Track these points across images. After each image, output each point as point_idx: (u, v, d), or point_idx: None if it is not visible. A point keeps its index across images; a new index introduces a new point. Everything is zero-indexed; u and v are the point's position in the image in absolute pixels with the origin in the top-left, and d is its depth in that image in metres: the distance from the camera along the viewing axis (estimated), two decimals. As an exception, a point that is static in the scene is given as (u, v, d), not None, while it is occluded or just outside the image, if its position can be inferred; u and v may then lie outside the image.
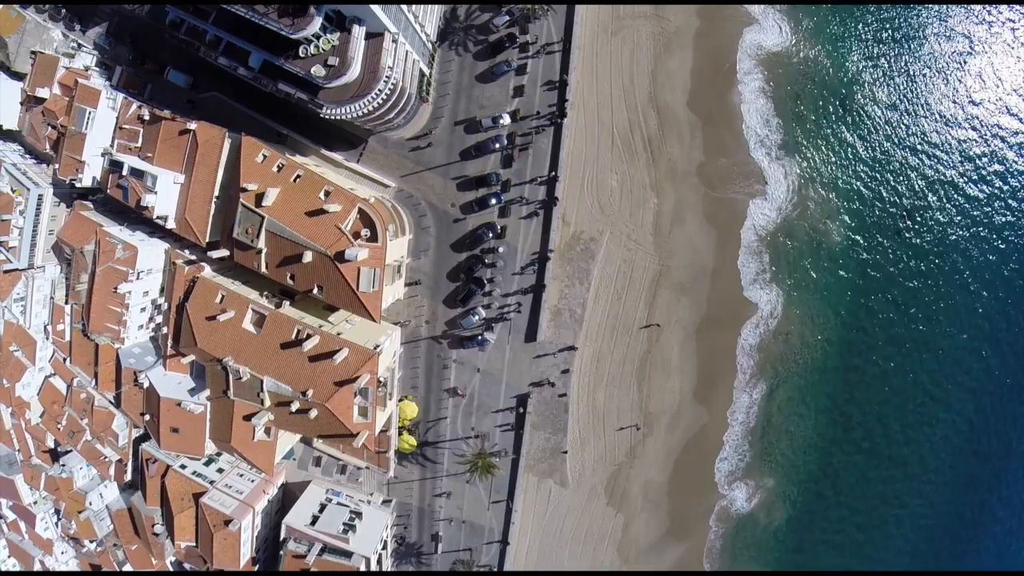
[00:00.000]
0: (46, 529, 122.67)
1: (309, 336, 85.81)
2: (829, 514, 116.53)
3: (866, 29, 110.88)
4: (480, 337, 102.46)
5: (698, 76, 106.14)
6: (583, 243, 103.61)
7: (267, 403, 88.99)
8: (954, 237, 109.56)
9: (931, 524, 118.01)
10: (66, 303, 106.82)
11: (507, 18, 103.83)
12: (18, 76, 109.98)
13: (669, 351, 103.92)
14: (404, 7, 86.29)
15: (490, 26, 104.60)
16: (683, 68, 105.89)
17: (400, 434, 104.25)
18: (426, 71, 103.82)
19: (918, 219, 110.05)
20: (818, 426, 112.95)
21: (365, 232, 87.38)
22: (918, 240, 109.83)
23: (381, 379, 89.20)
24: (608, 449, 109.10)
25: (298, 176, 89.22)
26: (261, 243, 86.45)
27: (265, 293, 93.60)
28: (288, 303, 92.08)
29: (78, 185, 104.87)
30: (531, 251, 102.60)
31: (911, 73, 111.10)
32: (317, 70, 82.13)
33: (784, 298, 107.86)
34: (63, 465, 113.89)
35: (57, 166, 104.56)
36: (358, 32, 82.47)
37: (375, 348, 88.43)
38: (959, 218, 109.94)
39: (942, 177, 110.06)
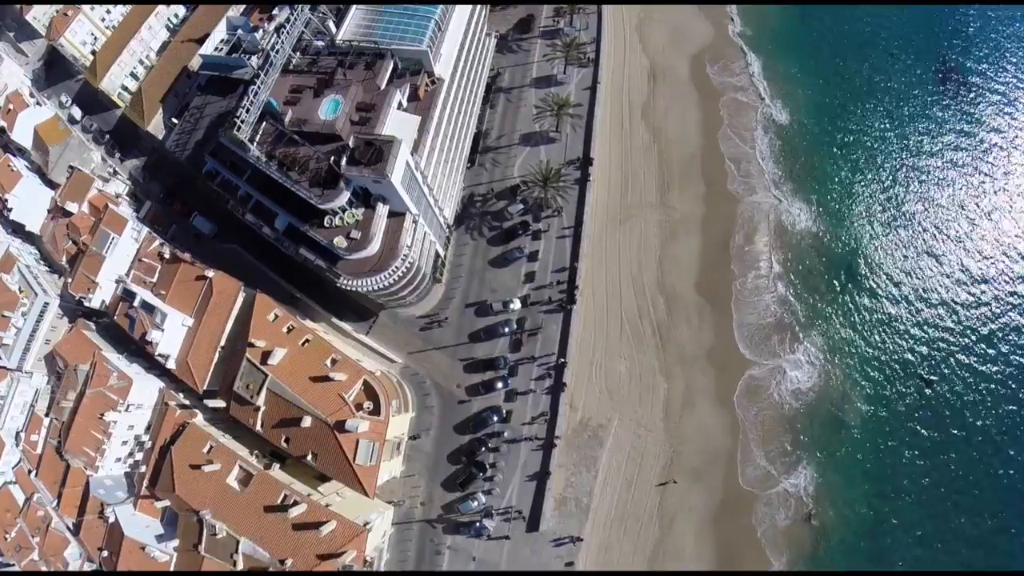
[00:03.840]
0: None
1: (296, 503, 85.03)
2: None
3: (868, 202, 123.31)
4: (478, 524, 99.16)
5: (704, 260, 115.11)
6: (591, 430, 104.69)
7: (240, 565, 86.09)
8: (979, 397, 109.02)
9: None
10: (47, 415, 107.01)
11: (521, 206, 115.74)
12: (51, 184, 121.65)
13: (683, 540, 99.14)
14: (426, 192, 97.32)
15: (505, 213, 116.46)
16: (689, 253, 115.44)
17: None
18: (441, 253, 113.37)
19: (939, 379, 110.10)
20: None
21: (368, 405, 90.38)
22: (943, 402, 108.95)
23: (368, 558, 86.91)
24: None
25: (307, 340, 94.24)
26: (261, 401, 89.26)
27: (255, 452, 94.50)
28: (278, 466, 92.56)
29: (86, 304, 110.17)
30: (537, 436, 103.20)
31: (915, 239, 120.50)
32: (339, 241, 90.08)
33: (812, 480, 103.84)
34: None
35: (70, 280, 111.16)
36: (382, 210, 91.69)
37: (365, 525, 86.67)
38: (982, 374, 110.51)
39: (958, 340, 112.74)
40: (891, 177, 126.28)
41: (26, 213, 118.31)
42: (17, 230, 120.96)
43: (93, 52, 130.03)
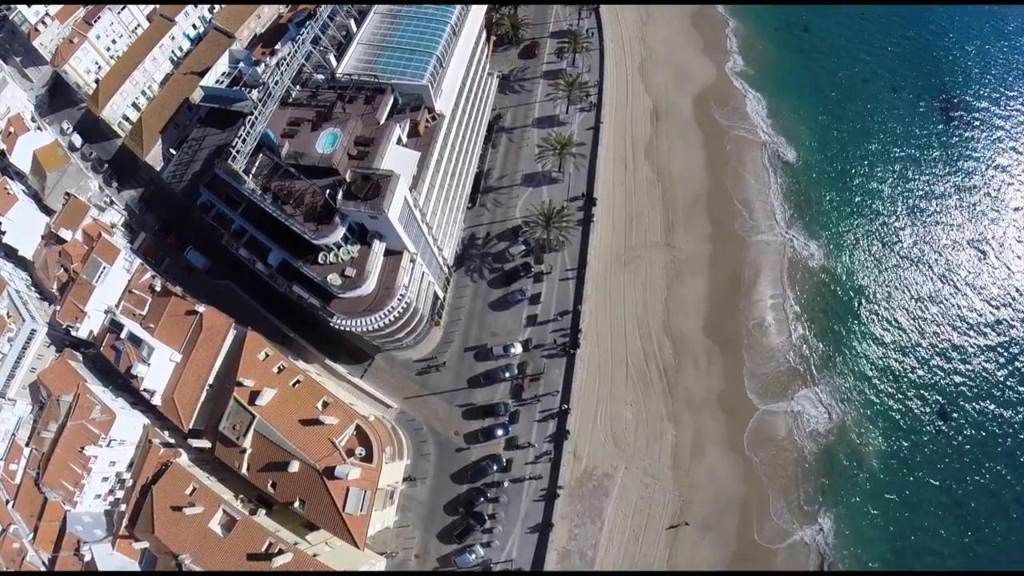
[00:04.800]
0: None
1: (282, 552, 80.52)
2: None
3: (879, 241, 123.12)
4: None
5: (712, 302, 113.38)
6: (596, 479, 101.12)
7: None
8: (999, 443, 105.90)
9: None
10: (27, 445, 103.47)
11: (523, 247, 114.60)
12: (47, 210, 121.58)
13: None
14: (425, 231, 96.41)
15: (506, 255, 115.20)
16: (696, 295, 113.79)
17: None
18: (440, 294, 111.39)
19: (956, 425, 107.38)
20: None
21: (360, 451, 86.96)
22: (961, 448, 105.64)
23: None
24: None
25: (298, 381, 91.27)
26: (247, 443, 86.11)
27: (241, 496, 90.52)
28: (264, 512, 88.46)
29: (73, 333, 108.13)
30: (539, 488, 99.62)
31: (928, 278, 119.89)
32: (333, 279, 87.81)
33: (828, 530, 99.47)
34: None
35: (58, 308, 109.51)
36: (378, 247, 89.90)
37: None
38: (1002, 420, 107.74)
39: (975, 383, 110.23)
40: (901, 214, 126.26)
41: (20, 237, 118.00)
42: (10, 254, 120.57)
43: (97, 81, 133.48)
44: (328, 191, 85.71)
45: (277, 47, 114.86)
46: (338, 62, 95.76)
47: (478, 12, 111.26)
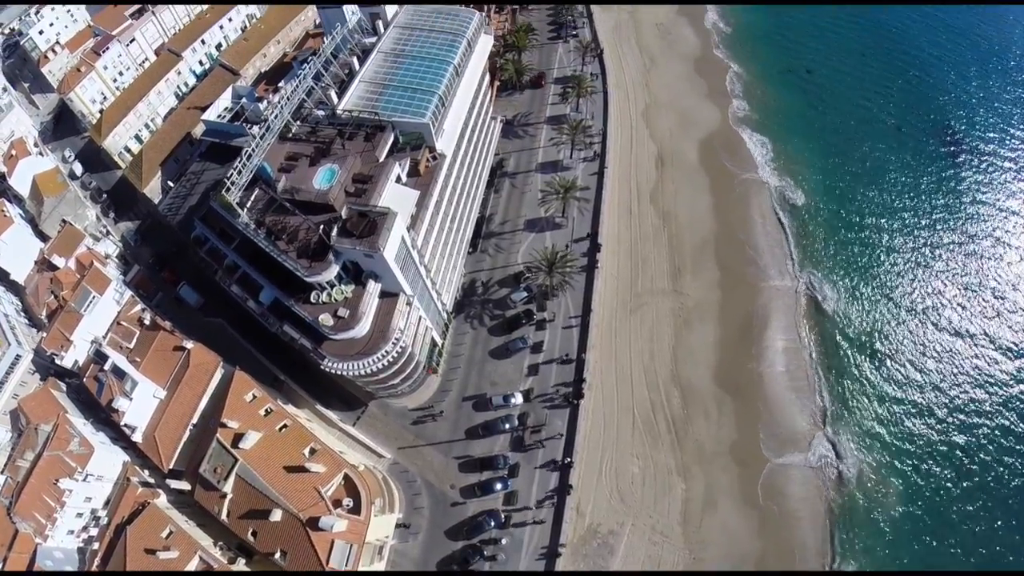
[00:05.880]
0: None
1: (259, 607, 76.78)
2: None
3: (892, 283, 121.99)
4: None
5: (722, 349, 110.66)
6: (600, 537, 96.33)
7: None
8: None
9: None
10: (2, 472, 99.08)
11: (525, 294, 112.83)
12: (43, 236, 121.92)
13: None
14: (423, 273, 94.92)
15: (508, 301, 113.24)
16: (705, 342, 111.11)
17: None
18: (438, 341, 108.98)
19: (975, 472, 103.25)
20: None
21: (347, 502, 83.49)
22: (985, 495, 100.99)
23: None
24: None
25: (285, 426, 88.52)
26: (228, 487, 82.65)
27: (220, 544, 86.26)
28: (244, 562, 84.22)
29: (58, 362, 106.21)
30: (539, 545, 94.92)
31: (944, 320, 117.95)
32: (325, 319, 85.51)
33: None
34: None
35: (45, 335, 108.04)
36: (373, 288, 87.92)
37: (338, 639, 77.91)
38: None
39: (998, 434, 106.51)
40: (912, 258, 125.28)
41: (13, 261, 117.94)
42: (1, 278, 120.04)
43: (101, 111, 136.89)
44: (323, 227, 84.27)
45: (281, 84, 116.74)
46: (340, 99, 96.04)
47: (481, 54, 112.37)
